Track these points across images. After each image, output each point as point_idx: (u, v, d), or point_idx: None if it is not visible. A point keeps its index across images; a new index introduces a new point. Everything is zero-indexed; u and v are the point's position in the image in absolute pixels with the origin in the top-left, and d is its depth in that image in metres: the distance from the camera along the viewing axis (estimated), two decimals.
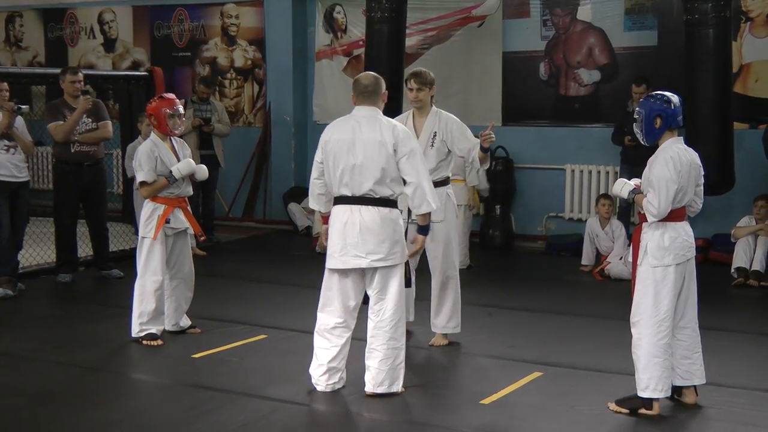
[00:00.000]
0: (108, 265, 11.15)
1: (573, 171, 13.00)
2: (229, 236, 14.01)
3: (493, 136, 7.70)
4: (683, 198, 6.52)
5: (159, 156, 8.20)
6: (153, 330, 8.25)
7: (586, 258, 11.55)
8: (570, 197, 13.12)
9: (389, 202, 6.60)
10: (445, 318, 8.23)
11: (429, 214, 6.65)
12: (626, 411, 6.47)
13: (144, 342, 8.20)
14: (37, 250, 11.34)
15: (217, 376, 7.35)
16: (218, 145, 13.26)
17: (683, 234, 6.57)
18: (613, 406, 6.54)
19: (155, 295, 8.25)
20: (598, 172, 12.91)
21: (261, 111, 15.24)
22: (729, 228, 11.22)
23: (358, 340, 6.91)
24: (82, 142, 10.55)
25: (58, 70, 11.04)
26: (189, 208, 8.50)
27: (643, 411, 6.44)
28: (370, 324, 6.69)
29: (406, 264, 6.78)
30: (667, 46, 12.26)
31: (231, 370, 7.48)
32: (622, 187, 6.82)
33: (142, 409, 6.70)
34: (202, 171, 8.45)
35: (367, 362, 6.71)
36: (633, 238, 6.71)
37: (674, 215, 6.49)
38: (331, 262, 6.69)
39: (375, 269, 6.60)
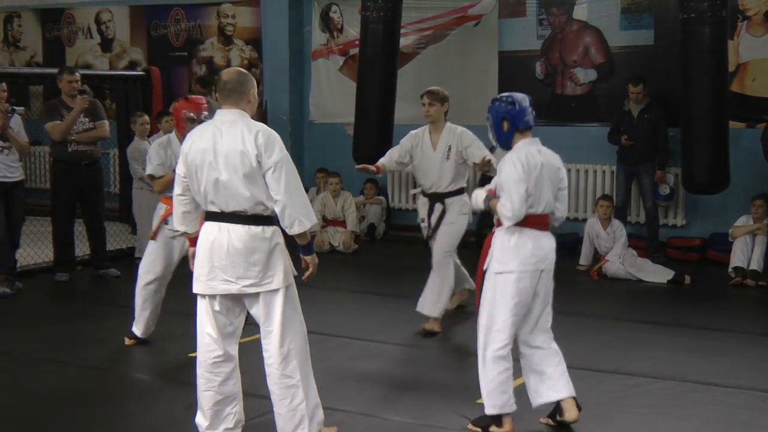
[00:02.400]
0: (105, 264, 11.16)
1: (569, 170, 12.99)
2: None
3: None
4: (539, 202, 6.09)
5: (172, 152, 7.97)
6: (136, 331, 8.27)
7: (584, 258, 11.54)
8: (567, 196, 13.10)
9: (262, 220, 5.62)
10: (428, 303, 8.76)
11: (306, 233, 5.65)
12: (478, 430, 6.22)
13: (126, 339, 8.28)
14: (35, 249, 11.35)
15: None
16: None
17: (536, 243, 6.12)
18: (470, 426, 6.28)
19: (151, 295, 8.22)
20: (595, 172, 12.93)
21: (257, 110, 15.20)
22: (727, 227, 11.23)
23: (361, 340, 6.90)
24: (79, 142, 10.56)
25: (55, 70, 11.05)
26: None
27: (493, 429, 6.18)
28: (264, 360, 5.78)
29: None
30: (663, 45, 12.26)
31: None
32: (476, 197, 6.34)
33: (140, 408, 6.72)
34: None
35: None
36: (485, 243, 6.32)
37: (531, 221, 6.07)
38: (197, 287, 5.73)
39: (256, 296, 5.67)
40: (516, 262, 6.05)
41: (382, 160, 8.95)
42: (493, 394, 6.10)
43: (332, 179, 13.20)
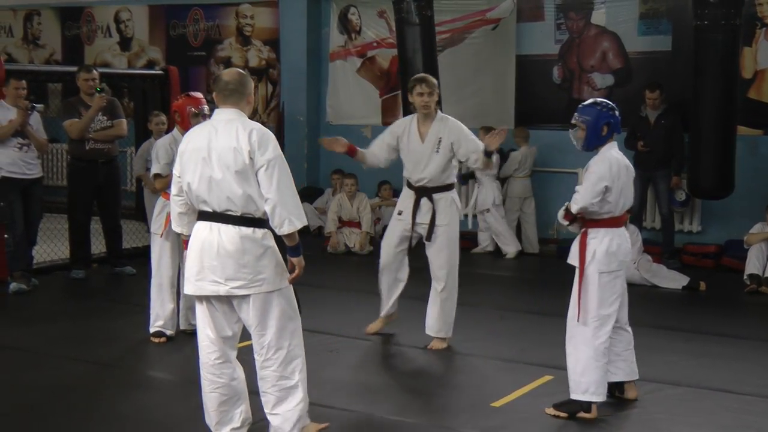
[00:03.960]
0: (121, 262, 11.20)
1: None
2: None
3: (500, 138, 7.79)
4: (622, 203, 6.52)
5: (175, 151, 8.03)
6: (162, 329, 8.32)
7: None
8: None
9: (253, 221, 5.57)
10: (439, 322, 8.24)
11: (295, 234, 5.58)
12: (565, 415, 6.47)
13: (152, 339, 8.29)
14: (51, 246, 11.40)
15: None
16: None
17: (625, 241, 6.61)
18: (551, 410, 6.54)
19: (168, 292, 8.29)
20: None
21: (274, 111, 15.27)
22: (742, 234, 11.19)
23: (374, 342, 6.91)
24: (96, 140, 10.60)
25: (74, 68, 11.10)
26: None
27: (582, 414, 6.45)
28: (257, 364, 5.78)
29: (295, 289, 5.89)
30: (681, 51, 12.24)
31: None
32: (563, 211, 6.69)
33: (153, 405, 6.75)
34: None
35: (264, 408, 5.86)
36: (580, 242, 6.58)
37: (617, 221, 6.57)
38: (187, 287, 5.74)
39: (247, 298, 5.62)
40: (616, 262, 6.48)
41: (363, 150, 8.42)
42: (598, 383, 6.45)
43: (348, 180, 13.20)
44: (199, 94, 8.35)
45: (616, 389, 6.75)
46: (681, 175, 11.93)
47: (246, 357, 5.90)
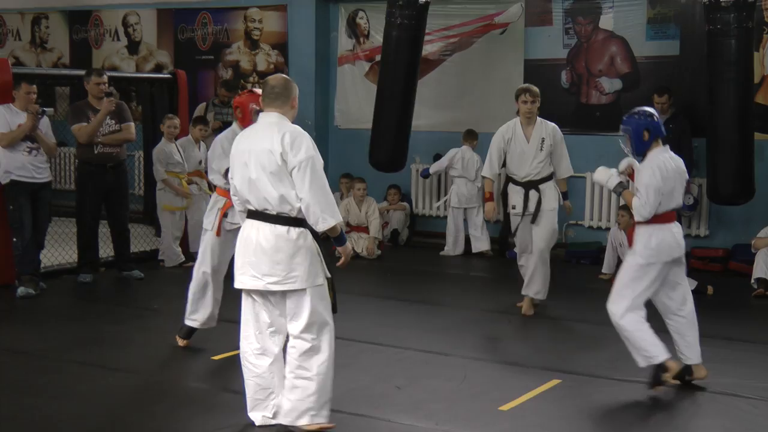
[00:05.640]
0: (129, 266, 11.21)
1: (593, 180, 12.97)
2: None
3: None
4: (672, 201, 7.12)
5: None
6: (191, 324, 8.24)
7: (607, 266, 11.52)
8: (590, 205, 13.12)
9: (288, 220, 5.89)
10: (537, 286, 9.62)
11: (336, 226, 5.92)
12: (659, 385, 7.05)
13: (177, 336, 8.28)
14: (59, 250, 11.41)
15: (236, 377, 7.38)
16: None
17: (671, 234, 7.15)
18: (653, 388, 7.08)
19: (204, 287, 8.16)
20: None
21: None
22: (749, 238, 11.18)
23: (383, 345, 6.91)
24: (105, 144, 10.62)
25: (82, 72, 11.13)
26: None
27: (665, 375, 7.01)
28: (287, 350, 6.10)
29: (332, 286, 6.12)
30: (689, 55, 12.23)
31: None
32: (609, 178, 7.47)
33: (162, 409, 6.75)
34: None
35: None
36: (628, 235, 7.45)
37: (666, 217, 7.14)
38: (235, 281, 6.15)
39: (285, 294, 5.98)
40: (657, 256, 7.07)
41: (489, 182, 9.89)
42: (649, 345, 7.03)
43: (359, 184, 13.20)
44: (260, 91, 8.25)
45: (685, 373, 7.24)
46: (689, 180, 11.89)
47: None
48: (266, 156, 5.83)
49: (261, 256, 5.90)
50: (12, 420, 6.47)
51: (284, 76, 6.27)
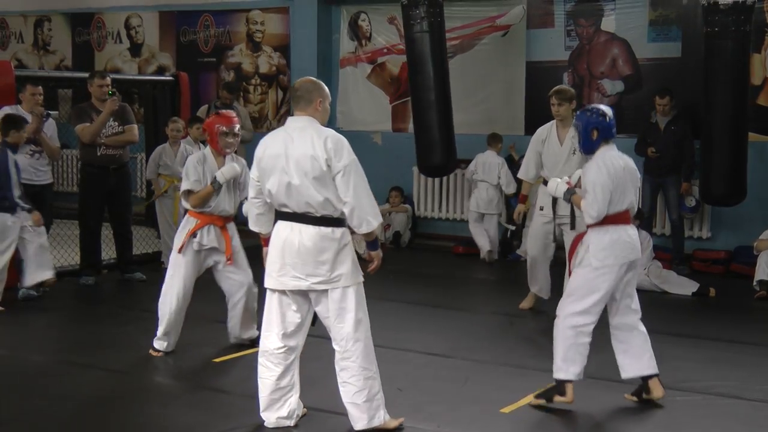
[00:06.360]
0: (131, 268, 11.21)
1: None
2: (251, 241, 14.02)
3: None
4: (623, 201, 6.75)
5: (208, 168, 8.02)
6: (158, 345, 8.14)
7: None
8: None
9: (332, 221, 6.02)
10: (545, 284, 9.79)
11: (374, 231, 6.11)
12: (543, 401, 6.75)
13: (151, 351, 8.15)
14: (61, 252, 11.42)
15: (238, 380, 7.40)
16: (241, 151, 13.29)
17: (626, 236, 6.78)
18: (533, 400, 6.80)
19: (170, 308, 8.07)
20: None
21: (285, 117, 15.26)
22: (751, 240, 11.18)
23: (385, 348, 6.90)
24: (108, 145, 10.63)
25: (84, 74, 11.14)
26: (229, 227, 8.22)
27: (558, 398, 6.69)
28: (336, 356, 6.16)
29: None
30: (690, 57, 12.22)
31: (251, 374, 7.49)
32: (557, 186, 7.18)
33: (164, 412, 6.76)
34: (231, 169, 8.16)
35: (343, 399, 6.20)
36: (574, 241, 7.08)
37: (618, 218, 6.75)
38: (269, 282, 6.20)
39: (325, 293, 6.07)
40: (612, 258, 6.68)
41: (526, 185, 9.88)
42: (567, 361, 6.73)
43: None
44: (231, 113, 8.22)
45: (642, 391, 6.93)
46: (691, 181, 11.91)
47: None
48: (309, 161, 5.90)
49: (306, 257, 5.99)
50: (13, 422, 6.47)
51: (311, 78, 6.30)
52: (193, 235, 8.03)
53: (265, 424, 6.29)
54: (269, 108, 15.48)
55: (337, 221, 6.03)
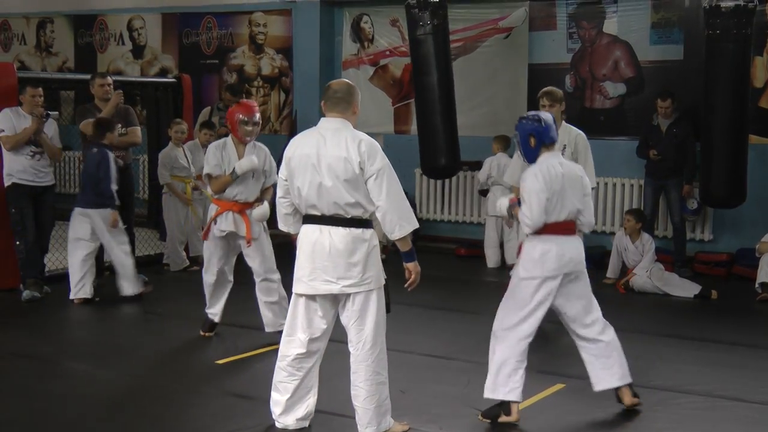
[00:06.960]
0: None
1: (597, 184, 12.95)
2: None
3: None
4: (562, 210, 6.52)
5: (227, 155, 8.35)
6: (212, 318, 8.76)
7: (612, 271, 11.52)
8: (594, 210, 13.09)
9: (362, 222, 5.97)
10: None
11: (407, 238, 6.10)
12: (488, 420, 6.56)
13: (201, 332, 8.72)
14: (63, 253, 11.36)
15: (241, 382, 7.40)
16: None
17: (561, 248, 6.53)
18: (480, 417, 6.62)
19: (207, 290, 8.68)
20: (623, 185, 12.89)
21: (287, 119, 15.31)
22: (753, 243, 11.18)
23: (387, 350, 6.91)
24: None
25: (87, 76, 11.15)
26: (250, 211, 8.46)
27: (503, 418, 6.53)
28: (352, 358, 6.09)
29: (386, 288, 6.18)
30: (692, 60, 12.23)
31: (254, 376, 7.52)
32: (500, 204, 6.96)
33: (167, 414, 6.76)
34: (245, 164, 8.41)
35: (353, 401, 6.14)
36: (517, 250, 6.86)
37: (556, 228, 6.53)
38: (298, 287, 6.09)
39: (349, 296, 6.00)
40: (540, 269, 6.48)
41: (515, 190, 9.21)
42: (506, 378, 6.53)
43: None
44: (252, 102, 8.62)
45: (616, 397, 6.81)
46: (693, 184, 11.91)
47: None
48: (342, 164, 5.85)
49: (337, 259, 5.92)
50: (15, 424, 6.48)
51: (347, 81, 6.29)
52: (215, 221, 8.39)
53: (282, 427, 6.27)
54: (271, 110, 15.48)
55: (366, 222, 6.00)
